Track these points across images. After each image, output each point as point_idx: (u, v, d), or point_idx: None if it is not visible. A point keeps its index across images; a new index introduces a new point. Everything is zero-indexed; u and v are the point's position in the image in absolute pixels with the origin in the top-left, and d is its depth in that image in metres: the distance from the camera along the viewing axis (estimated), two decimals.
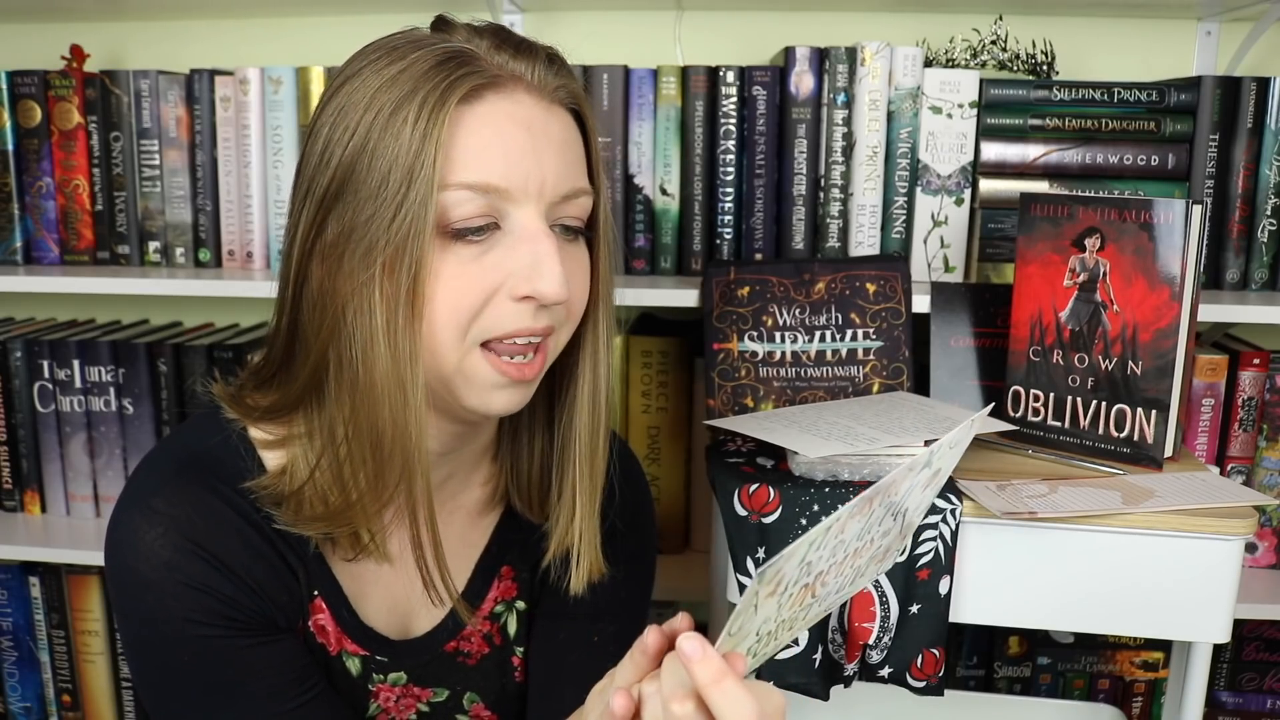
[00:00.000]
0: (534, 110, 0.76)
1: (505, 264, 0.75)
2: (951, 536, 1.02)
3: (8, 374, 1.50)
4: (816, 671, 1.04)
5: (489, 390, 0.78)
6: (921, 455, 0.65)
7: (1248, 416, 1.37)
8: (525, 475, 0.92)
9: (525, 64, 0.77)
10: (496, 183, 0.74)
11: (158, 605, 0.78)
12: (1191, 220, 1.07)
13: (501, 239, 0.76)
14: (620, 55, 1.42)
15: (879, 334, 1.24)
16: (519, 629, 0.96)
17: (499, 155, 0.74)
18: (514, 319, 0.76)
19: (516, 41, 0.77)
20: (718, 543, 1.15)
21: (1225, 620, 1.02)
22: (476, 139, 0.74)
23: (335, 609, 0.86)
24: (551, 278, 0.75)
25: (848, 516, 0.62)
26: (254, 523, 0.80)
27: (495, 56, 0.76)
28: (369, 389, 0.75)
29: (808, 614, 0.67)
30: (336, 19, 1.58)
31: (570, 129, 0.79)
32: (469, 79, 0.74)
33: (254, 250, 1.45)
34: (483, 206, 0.74)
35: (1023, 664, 1.53)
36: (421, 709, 0.92)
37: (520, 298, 0.76)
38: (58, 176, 1.46)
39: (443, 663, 0.92)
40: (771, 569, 0.58)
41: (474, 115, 0.74)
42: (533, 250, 0.75)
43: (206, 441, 0.83)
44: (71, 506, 1.53)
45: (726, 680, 0.61)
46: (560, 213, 0.78)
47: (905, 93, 1.33)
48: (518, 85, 0.76)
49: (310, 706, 0.82)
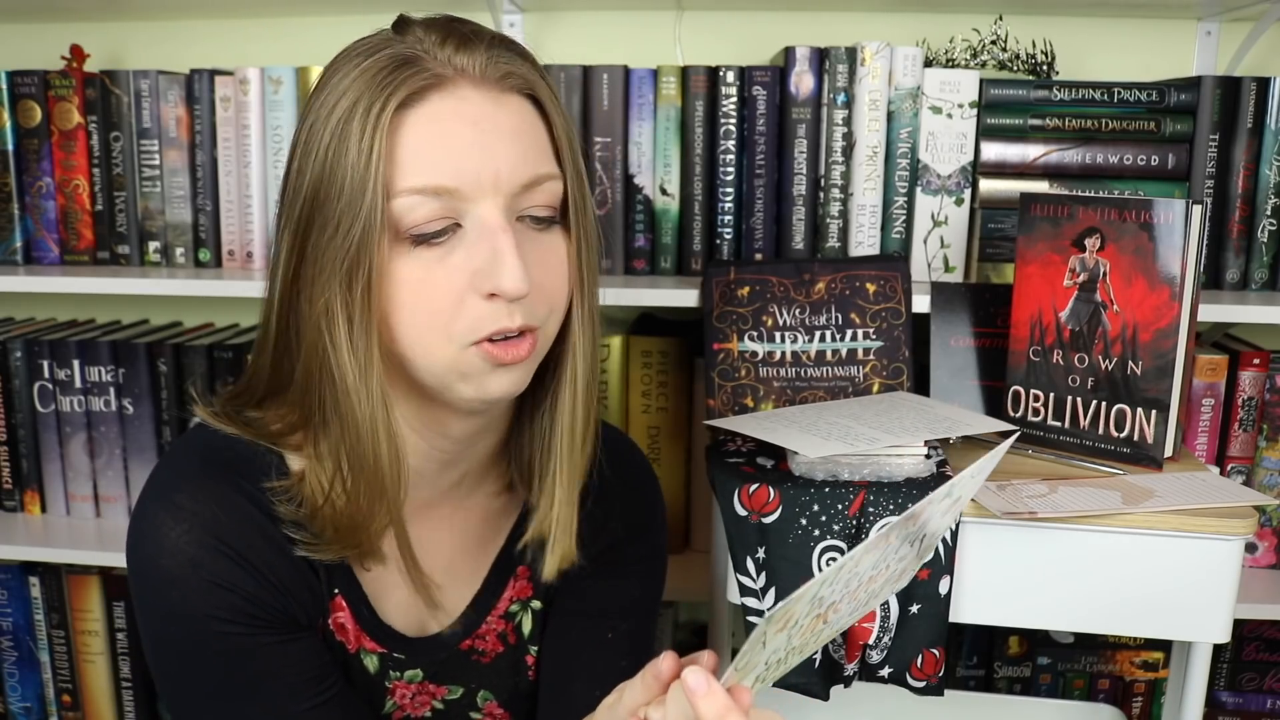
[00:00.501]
0: (481, 105, 0.75)
1: (468, 264, 0.75)
2: (951, 536, 1.02)
3: (8, 374, 1.50)
4: (816, 671, 1.04)
5: (483, 377, 0.78)
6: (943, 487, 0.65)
7: (1248, 416, 1.37)
8: (524, 462, 0.92)
9: (467, 57, 0.75)
10: (446, 183, 0.73)
11: (181, 601, 0.78)
12: (1191, 220, 1.07)
13: (464, 238, 0.75)
14: (620, 55, 1.42)
15: (879, 334, 1.24)
16: (534, 628, 0.96)
17: (445, 155, 0.74)
18: (491, 319, 0.76)
19: (461, 35, 0.76)
20: (718, 543, 1.15)
21: (1225, 620, 1.02)
22: (421, 142, 0.73)
23: (355, 607, 0.86)
24: (510, 272, 0.74)
25: (863, 553, 0.61)
26: (276, 519, 0.80)
27: (439, 53, 0.75)
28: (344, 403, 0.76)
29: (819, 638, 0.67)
30: (336, 19, 1.58)
31: (526, 115, 0.78)
32: (409, 83, 0.73)
33: (254, 250, 1.45)
34: (437, 209, 0.74)
35: (1023, 664, 1.53)
36: (436, 706, 0.93)
37: (487, 295, 0.75)
38: (58, 176, 1.46)
39: (458, 661, 0.92)
40: (781, 611, 0.58)
41: (417, 118, 0.74)
42: (491, 246, 0.74)
43: (231, 438, 0.83)
44: (71, 506, 1.53)
45: (731, 716, 0.61)
46: (525, 203, 0.77)
47: (905, 93, 1.33)
48: (461, 81, 0.75)
49: (328, 706, 0.82)
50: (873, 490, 1.02)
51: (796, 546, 1.03)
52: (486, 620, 0.93)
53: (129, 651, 1.55)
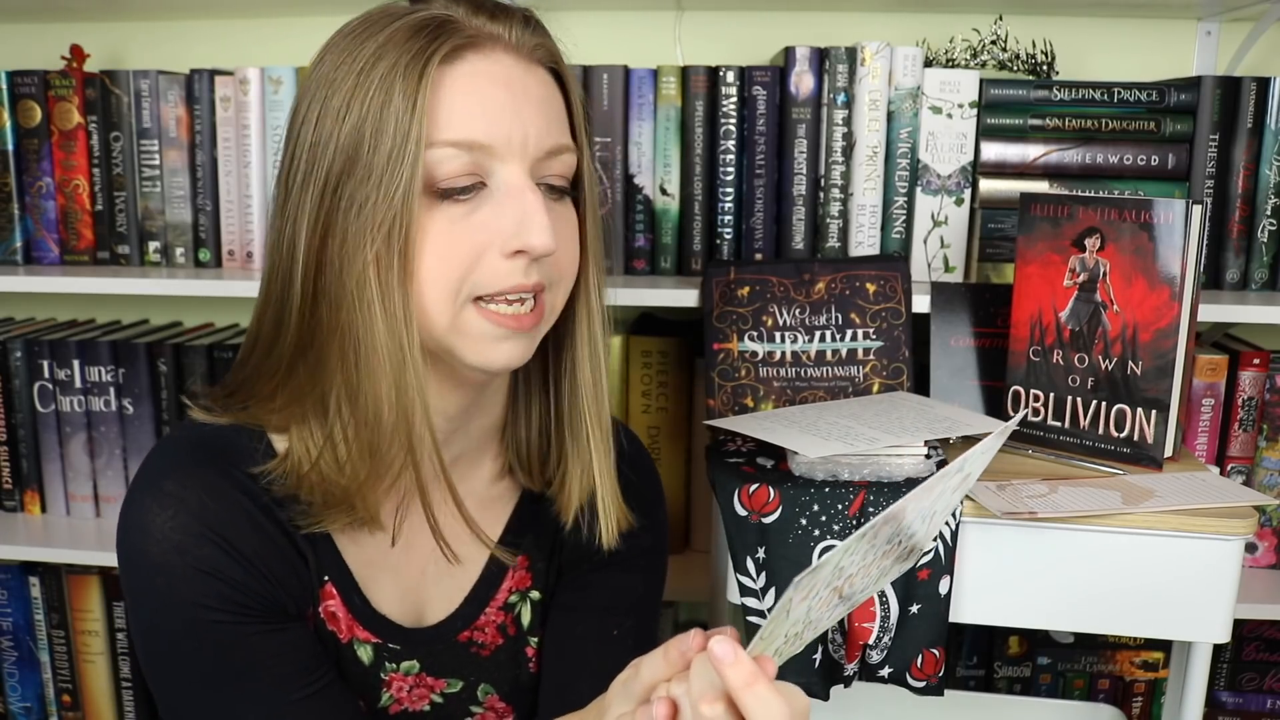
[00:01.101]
0: (513, 69, 0.77)
1: (493, 222, 0.76)
2: (951, 536, 1.02)
3: (8, 374, 1.50)
4: (816, 671, 1.04)
5: (488, 343, 0.79)
6: (955, 462, 0.66)
7: (1248, 416, 1.37)
8: (524, 441, 0.92)
9: (502, 25, 0.78)
10: (479, 139, 0.75)
11: (167, 589, 0.78)
12: (1191, 220, 1.07)
13: (489, 197, 0.77)
14: (620, 55, 1.42)
15: (879, 334, 1.24)
16: (533, 619, 0.96)
17: (480, 112, 0.75)
18: (506, 276, 0.77)
19: (493, 5, 0.79)
20: (718, 543, 1.15)
21: (1225, 620, 1.02)
22: (459, 97, 0.75)
23: (346, 595, 0.86)
24: (540, 229, 0.76)
25: (882, 523, 0.62)
26: (264, 506, 0.81)
27: (473, 20, 0.77)
28: (369, 359, 0.76)
29: (832, 614, 0.68)
30: (336, 19, 1.57)
31: (549, 87, 0.80)
32: (448, 40, 0.75)
33: (254, 250, 1.44)
34: (467, 164, 0.75)
35: (1023, 664, 1.53)
36: (435, 700, 0.92)
37: (511, 253, 0.76)
38: (58, 176, 1.46)
39: (456, 653, 0.92)
40: (808, 577, 0.59)
41: (455, 75, 0.75)
42: (519, 205, 0.76)
43: (219, 427, 0.83)
44: (71, 506, 1.53)
45: (759, 683, 0.61)
46: (544, 170, 0.79)
47: (905, 93, 1.33)
48: (496, 45, 0.77)
49: (317, 698, 0.82)
50: (873, 490, 1.03)
51: (796, 546, 1.03)
52: (485, 612, 0.93)
53: (129, 651, 1.55)
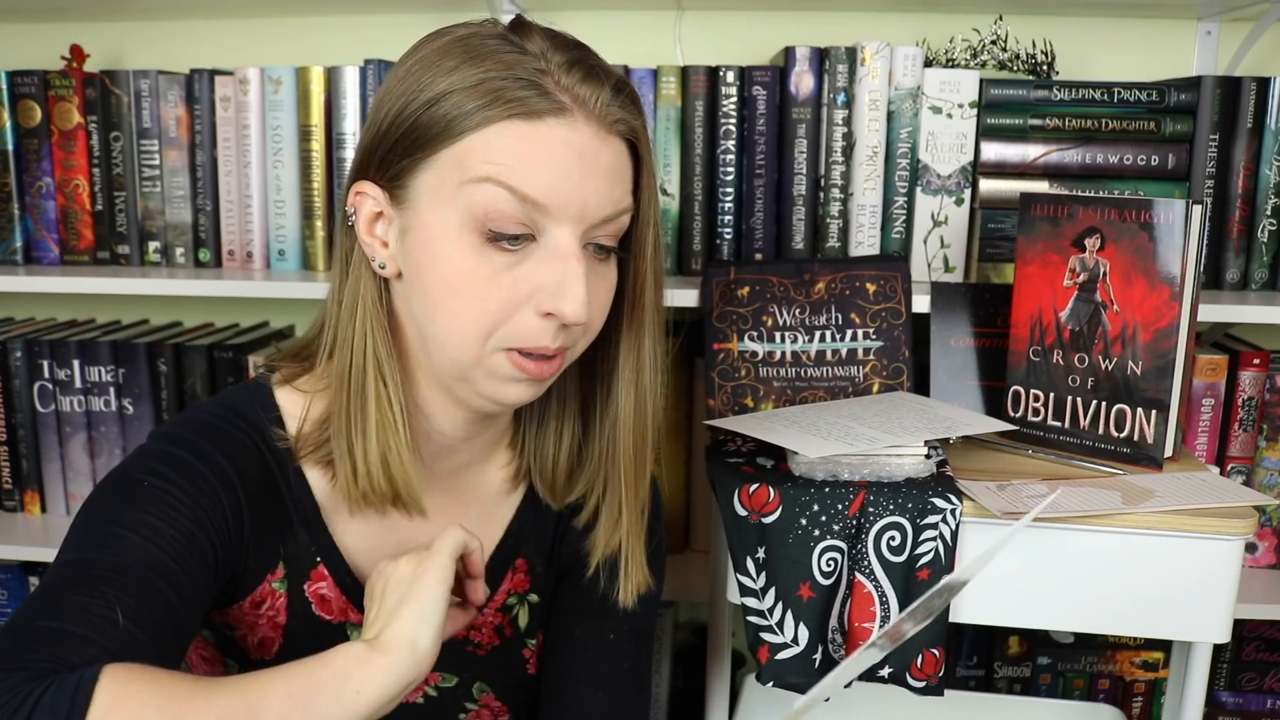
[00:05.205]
0: (589, 140, 0.77)
1: (534, 277, 0.77)
2: (951, 536, 1.02)
3: (8, 374, 1.50)
4: (816, 671, 1.04)
5: (506, 382, 0.81)
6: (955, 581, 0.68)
7: (1248, 416, 1.37)
8: (550, 461, 0.94)
9: (591, 89, 0.78)
10: (538, 197, 0.76)
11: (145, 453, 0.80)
12: (1191, 220, 1.07)
13: (535, 251, 0.78)
14: (620, 55, 1.42)
15: (879, 334, 1.24)
16: (530, 622, 0.96)
17: (546, 172, 0.76)
18: (535, 334, 0.78)
19: (588, 66, 0.79)
20: (718, 543, 1.15)
21: (1225, 620, 1.02)
22: (527, 151, 0.76)
23: (339, 577, 0.87)
24: (574, 300, 0.77)
25: None
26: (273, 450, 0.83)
27: (564, 78, 0.77)
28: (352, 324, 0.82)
29: None
30: (336, 19, 1.58)
31: (621, 157, 0.81)
32: (530, 104, 0.76)
33: (254, 250, 1.45)
34: (521, 215, 0.76)
35: (1023, 664, 1.53)
36: (429, 693, 0.93)
37: (544, 314, 0.78)
38: (58, 176, 1.46)
39: (452, 649, 0.92)
40: None
41: (533, 130, 0.76)
42: (562, 269, 0.77)
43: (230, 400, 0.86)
44: (72, 507, 1.53)
45: None
46: (597, 233, 0.80)
47: (905, 93, 1.33)
48: (578, 113, 0.77)
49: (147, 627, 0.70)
50: (873, 490, 1.03)
51: (796, 546, 1.03)
52: (482, 612, 0.93)
53: None
